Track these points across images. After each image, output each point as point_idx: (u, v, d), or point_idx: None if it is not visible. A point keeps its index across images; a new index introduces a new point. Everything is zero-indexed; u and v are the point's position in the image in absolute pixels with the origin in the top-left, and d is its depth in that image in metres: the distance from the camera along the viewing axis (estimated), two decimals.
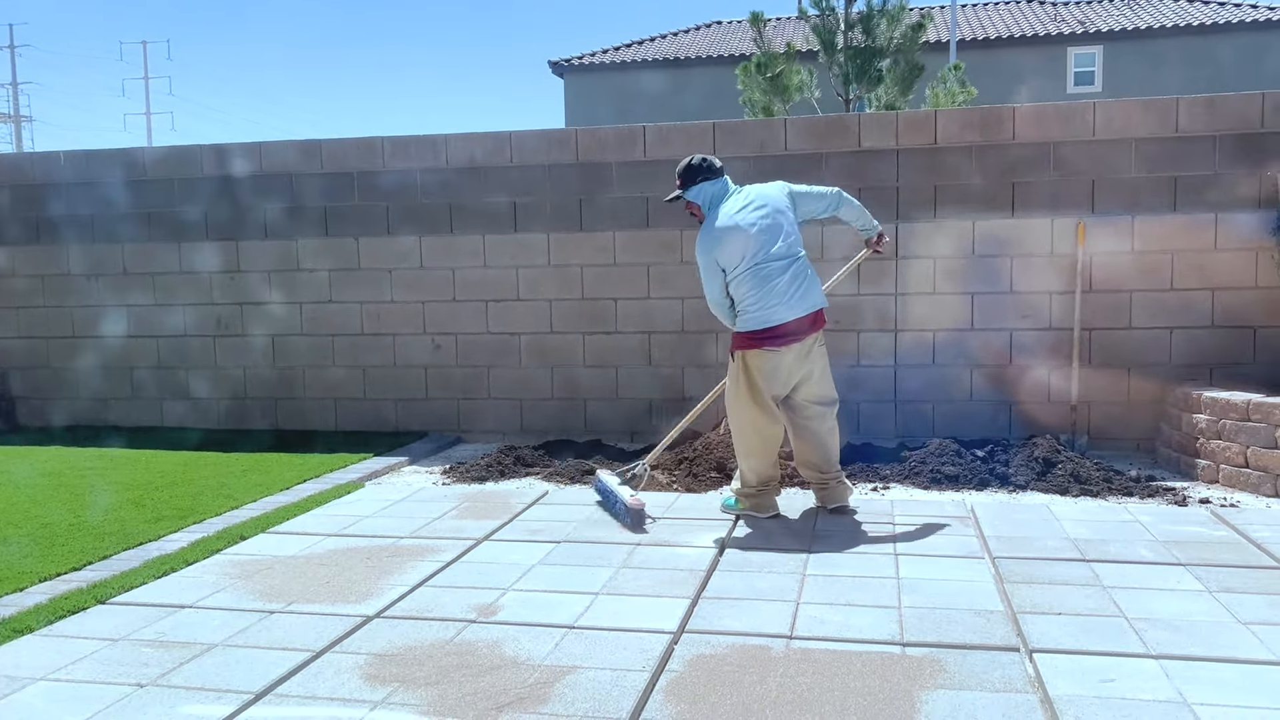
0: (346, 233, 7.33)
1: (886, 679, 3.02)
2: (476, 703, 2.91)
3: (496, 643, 3.36)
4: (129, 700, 2.96)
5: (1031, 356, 6.52)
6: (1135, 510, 4.97)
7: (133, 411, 7.80)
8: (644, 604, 3.71)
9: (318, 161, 7.31)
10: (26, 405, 7.99)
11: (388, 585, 3.97)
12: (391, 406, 7.42)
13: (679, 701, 2.90)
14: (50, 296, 7.84)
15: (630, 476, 5.39)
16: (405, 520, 4.99)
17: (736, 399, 4.79)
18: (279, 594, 3.89)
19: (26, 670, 3.19)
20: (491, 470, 6.04)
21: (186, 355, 7.68)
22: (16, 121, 45.66)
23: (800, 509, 5.09)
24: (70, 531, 4.75)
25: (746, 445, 4.82)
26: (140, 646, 3.37)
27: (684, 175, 4.84)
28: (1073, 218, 6.38)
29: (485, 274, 7.18)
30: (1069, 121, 6.36)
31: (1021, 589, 3.80)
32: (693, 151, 6.75)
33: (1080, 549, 4.31)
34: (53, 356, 7.90)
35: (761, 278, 4.63)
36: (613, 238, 6.97)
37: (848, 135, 6.59)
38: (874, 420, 6.70)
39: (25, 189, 7.77)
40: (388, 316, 7.36)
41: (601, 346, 7.07)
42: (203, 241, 7.54)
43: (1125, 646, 3.24)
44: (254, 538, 4.69)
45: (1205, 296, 6.31)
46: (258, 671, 3.15)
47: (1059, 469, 5.58)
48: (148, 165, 7.59)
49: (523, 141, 7.06)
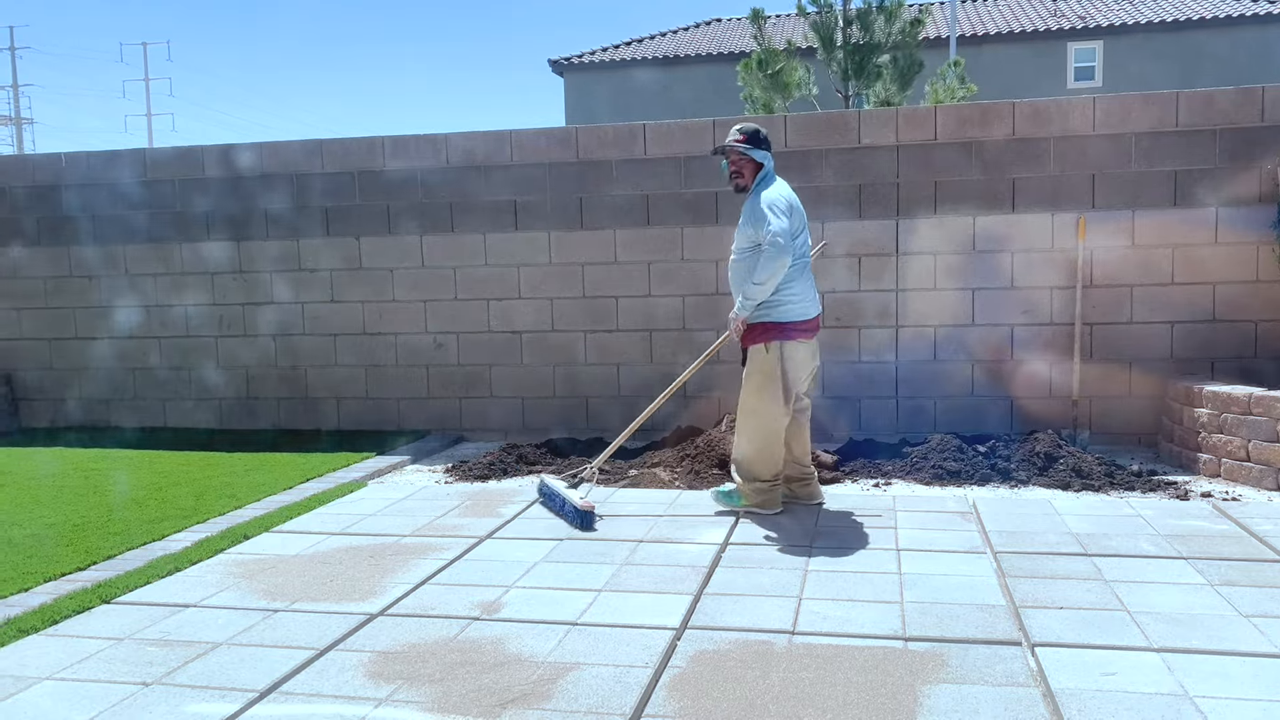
0: (349, 232, 7.34)
1: (889, 673, 3.03)
2: (480, 699, 2.92)
3: (500, 640, 3.37)
4: (134, 699, 2.98)
5: (1032, 352, 6.52)
6: (1137, 504, 4.98)
7: (136, 411, 7.81)
8: (646, 600, 3.72)
9: (320, 161, 7.32)
10: (30, 405, 8.00)
11: (391, 583, 3.98)
12: (394, 405, 7.43)
13: (682, 697, 2.91)
14: (54, 297, 7.85)
15: (578, 481, 5.28)
16: (408, 518, 5.01)
17: (768, 391, 4.74)
18: (283, 593, 3.90)
19: (32, 669, 3.20)
20: (494, 468, 6.05)
21: (190, 355, 7.69)
22: (18, 123, 45.71)
23: (801, 506, 5.09)
24: (75, 531, 4.76)
25: (766, 438, 4.79)
26: (145, 645, 3.39)
27: (752, 135, 4.75)
28: (1073, 213, 6.38)
29: (487, 272, 7.19)
30: (1069, 117, 6.36)
31: (1023, 583, 3.81)
32: (691, 148, 6.80)
33: (1082, 543, 4.31)
34: (56, 357, 7.91)
35: (800, 267, 4.75)
36: (614, 235, 6.98)
37: (847, 132, 6.60)
38: (875, 416, 6.71)
39: (28, 190, 7.78)
40: (390, 315, 7.37)
41: (603, 344, 7.08)
42: (206, 241, 7.55)
43: (1127, 640, 3.25)
44: (257, 537, 4.70)
45: (1206, 291, 6.32)
46: (262, 670, 3.16)
47: (1060, 464, 5.59)
48: (150, 166, 7.60)
49: (523, 140, 7.06)
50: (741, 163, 4.75)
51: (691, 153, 6.80)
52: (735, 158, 4.76)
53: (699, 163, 6.79)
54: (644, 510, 5.05)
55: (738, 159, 4.76)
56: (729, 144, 4.77)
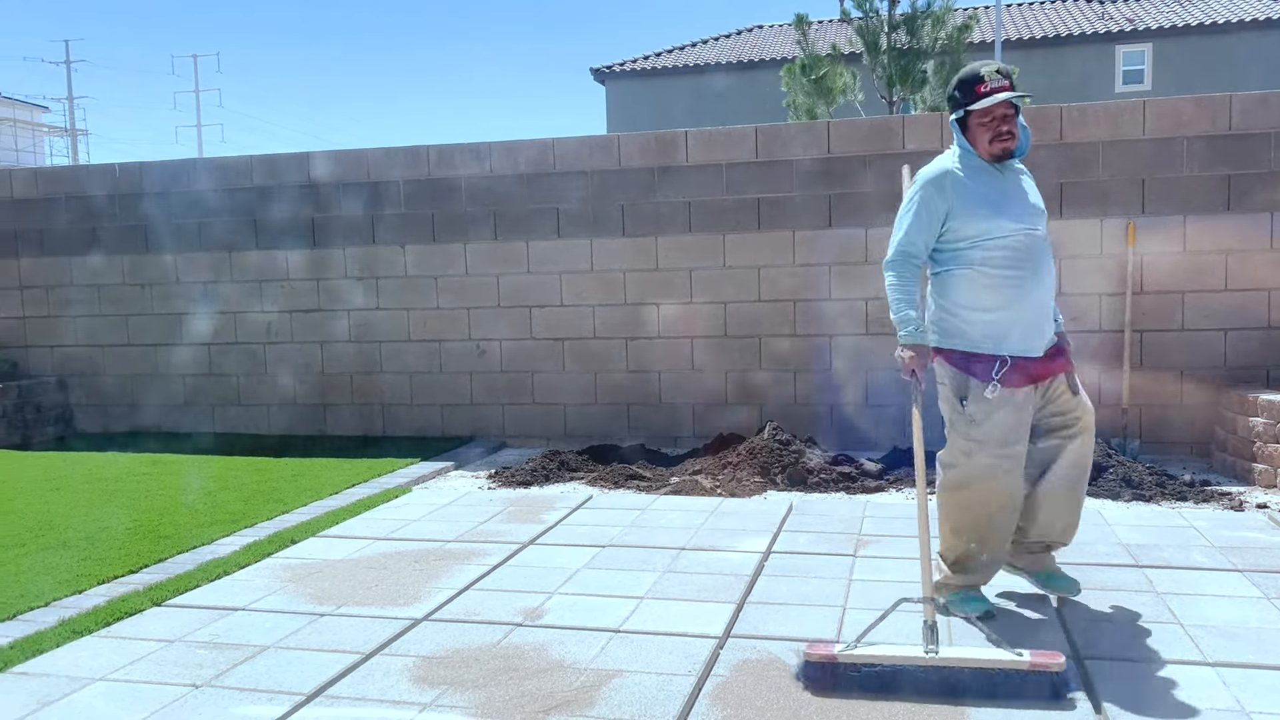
0: (394, 240, 7.42)
1: None
2: (524, 705, 2.93)
3: (543, 646, 3.38)
4: (185, 700, 3.03)
5: (1080, 359, 6.38)
6: (1189, 515, 4.88)
7: (185, 418, 7.95)
8: (689, 608, 3.71)
9: (364, 171, 7.41)
10: (84, 412, 8.18)
11: (435, 588, 4.01)
12: (437, 412, 7.49)
13: (725, 706, 2.90)
14: (106, 306, 8.02)
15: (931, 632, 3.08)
16: (452, 524, 5.04)
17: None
18: (329, 597, 3.95)
19: (86, 670, 3.27)
20: (536, 475, 6.08)
21: (237, 363, 7.81)
22: (73, 135, 46.77)
23: (844, 515, 5.06)
24: (126, 535, 4.85)
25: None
26: (195, 648, 3.44)
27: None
28: (1122, 218, 6.28)
29: (529, 279, 7.23)
30: (1118, 121, 6.27)
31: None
32: (733, 155, 6.79)
33: (1133, 554, 4.23)
34: (109, 365, 8.08)
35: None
36: (655, 242, 6.99)
37: (891, 138, 6.55)
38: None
39: (81, 201, 7.96)
40: (434, 323, 7.43)
41: (644, 351, 7.09)
42: (252, 251, 7.67)
43: (1181, 654, 3.18)
44: (304, 541, 4.76)
45: (1261, 298, 6.18)
46: (309, 673, 3.20)
47: (1110, 473, 5.49)
48: (199, 177, 7.75)
49: (565, 148, 7.10)
50: (1013, 119, 3.45)
51: (734, 160, 6.79)
52: (1005, 114, 3.42)
53: (740, 169, 6.78)
54: (686, 519, 5.03)
55: (1010, 115, 3.43)
56: (1007, 97, 3.39)
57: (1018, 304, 3.40)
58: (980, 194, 3.43)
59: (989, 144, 3.43)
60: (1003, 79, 3.39)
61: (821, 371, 6.78)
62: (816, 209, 6.69)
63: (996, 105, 3.38)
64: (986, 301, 3.42)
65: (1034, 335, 3.43)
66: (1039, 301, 3.44)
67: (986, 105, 3.38)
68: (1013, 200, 3.45)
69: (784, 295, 6.79)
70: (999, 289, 3.40)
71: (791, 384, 6.84)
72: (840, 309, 6.72)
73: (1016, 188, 3.50)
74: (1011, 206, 3.43)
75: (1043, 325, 3.46)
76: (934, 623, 3.03)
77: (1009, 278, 3.39)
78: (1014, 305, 3.40)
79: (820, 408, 6.80)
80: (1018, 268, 3.39)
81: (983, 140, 3.44)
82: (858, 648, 2.98)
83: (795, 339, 6.81)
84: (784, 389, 6.85)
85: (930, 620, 3.03)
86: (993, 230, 3.38)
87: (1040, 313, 3.45)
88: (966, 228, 3.41)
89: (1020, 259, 3.39)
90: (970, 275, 3.43)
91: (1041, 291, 3.45)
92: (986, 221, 3.39)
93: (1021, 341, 3.41)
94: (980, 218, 3.40)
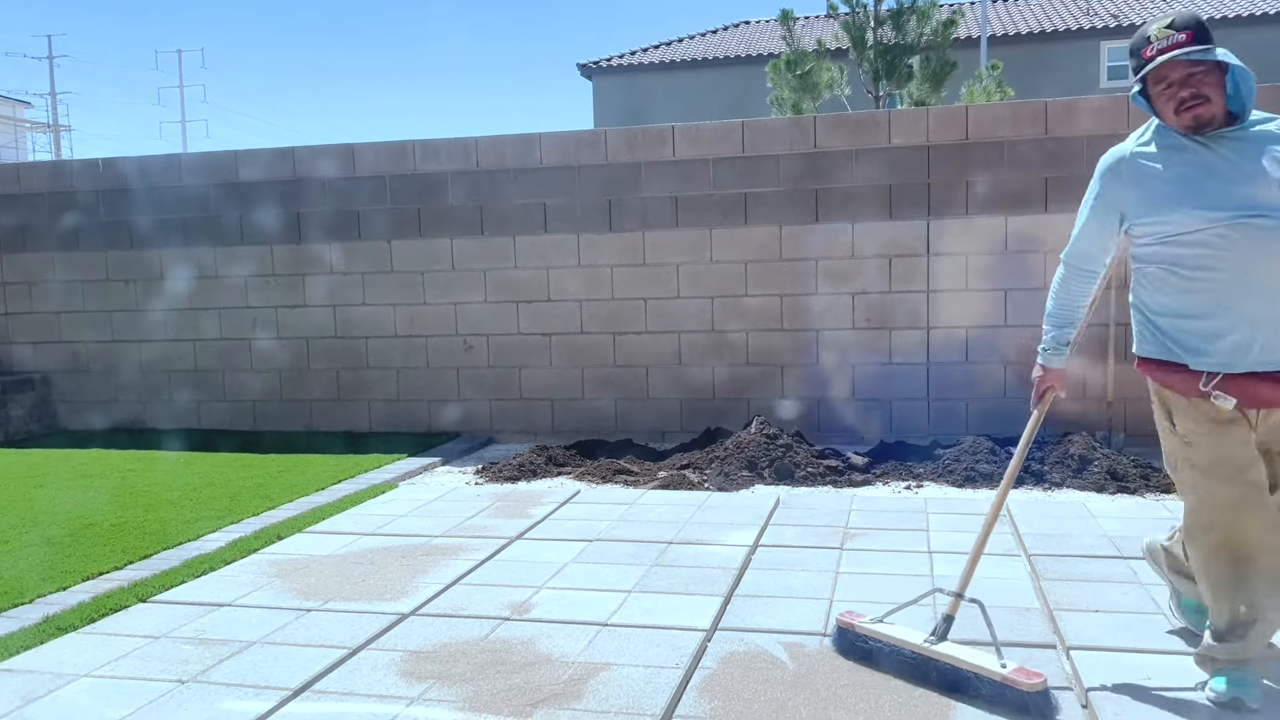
0: (379, 235, 7.40)
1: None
2: (511, 699, 2.93)
3: (530, 640, 3.38)
4: (170, 696, 3.01)
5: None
6: (1173, 507, 4.91)
7: (170, 413, 7.91)
8: (677, 602, 3.72)
9: (350, 165, 7.39)
10: (67, 408, 8.12)
11: (422, 583, 4.01)
12: (424, 407, 7.47)
13: (713, 698, 2.91)
14: (89, 300, 7.97)
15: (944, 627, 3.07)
16: (439, 519, 5.03)
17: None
18: (316, 592, 3.94)
19: (71, 667, 3.25)
20: (524, 470, 6.07)
21: (222, 358, 7.78)
22: (56, 130, 46.44)
23: (831, 508, 5.08)
24: (111, 531, 4.82)
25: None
26: (180, 644, 3.43)
27: (1200, 30, 2.68)
28: None
29: (516, 275, 7.22)
30: (1102, 115, 6.29)
31: (1058, 586, 3.77)
32: (721, 150, 6.79)
33: (1117, 546, 4.26)
34: (92, 360, 8.03)
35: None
36: (642, 238, 6.99)
37: (878, 132, 6.56)
38: (907, 418, 6.66)
39: (64, 196, 7.91)
40: (420, 318, 7.41)
41: (631, 346, 7.09)
42: (238, 246, 7.64)
43: (1164, 644, 3.20)
44: (291, 537, 4.74)
45: None
46: (296, 668, 3.19)
47: (1095, 466, 5.53)
48: (183, 171, 7.70)
49: (552, 143, 7.09)
50: (1203, 78, 2.67)
51: (720, 155, 6.79)
52: (1187, 74, 2.67)
53: (727, 164, 6.78)
54: (673, 513, 5.04)
55: (1196, 73, 2.67)
56: (1173, 56, 2.65)
57: (1219, 313, 2.66)
58: (1166, 179, 2.72)
59: (1175, 115, 2.71)
60: (1176, 34, 2.66)
61: (809, 366, 6.80)
62: (803, 203, 6.71)
63: (1165, 67, 2.68)
64: (1179, 307, 2.74)
65: (1243, 350, 2.64)
66: (1254, 312, 2.62)
67: (1150, 70, 2.70)
68: (1220, 182, 2.64)
69: (771, 290, 6.80)
70: (1192, 294, 2.70)
71: (779, 378, 6.85)
72: (827, 303, 6.73)
73: (1232, 165, 2.65)
74: (1215, 191, 2.64)
75: (1269, 338, 2.62)
76: (953, 615, 3.03)
77: (1203, 280, 2.66)
78: (1214, 315, 2.66)
79: (807, 402, 6.82)
80: (1215, 269, 2.63)
81: (1167, 112, 2.73)
82: (877, 625, 3.12)
83: (782, 333, 6.82)
84: (771, 384, 6.86)
85: (951, 614, 3.03)
86: (1181, 223, 2.66)
87: (1260, 322, 2.62)
88: (1143, 223, 2.77)
89: (1220, 258, 2.62)
90: (1158, 275, 2.78)
91: (1258, 299, 2.61)
92: (1166, 214, 2.70)
93: (1228, 356, 2.66)
94: (1160, 209, 2.71)
